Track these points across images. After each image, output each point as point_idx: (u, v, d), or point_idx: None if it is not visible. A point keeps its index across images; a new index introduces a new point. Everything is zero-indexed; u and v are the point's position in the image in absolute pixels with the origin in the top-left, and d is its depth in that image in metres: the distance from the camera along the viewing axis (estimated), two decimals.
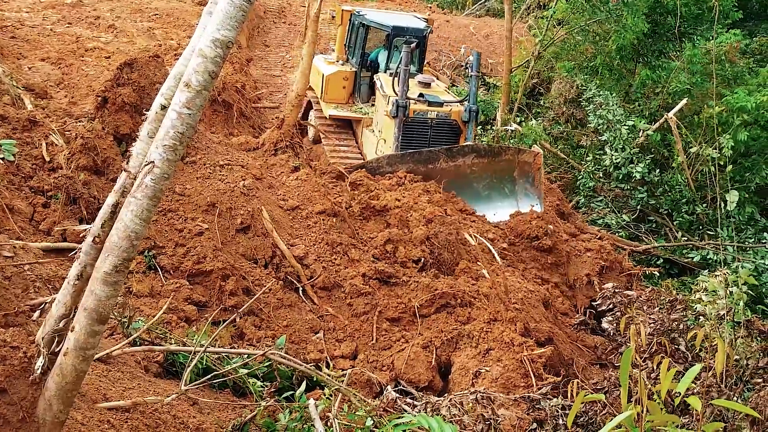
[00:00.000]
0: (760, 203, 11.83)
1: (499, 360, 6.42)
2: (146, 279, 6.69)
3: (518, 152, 10.38)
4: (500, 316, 6.91)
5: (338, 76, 12.65)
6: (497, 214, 9.94)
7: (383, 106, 10.91)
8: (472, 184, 10.10)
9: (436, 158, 9.88)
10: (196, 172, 8.01)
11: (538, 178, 10.31)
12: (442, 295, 7.47)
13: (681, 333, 4.56)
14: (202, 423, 4.59)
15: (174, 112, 2.84)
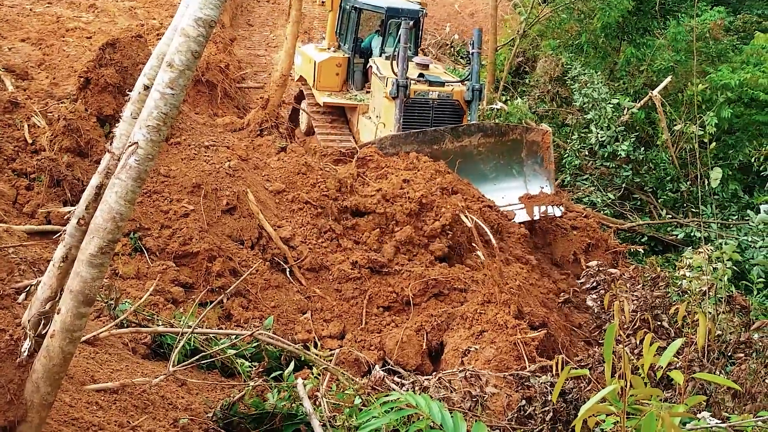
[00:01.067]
0: (743, 180, 11.92)
1: (493, 342, 6.38)
2: (132, 261, 6.67)
3: (526, 131, 10.06)
4: (494, 298, 6.86)
5: (331, 63, 12.22)
6: (506, 197, 9.59)
7: (381, 90, 10.53)
8: (479, 166, 9.72)
9: (441, 138, 9.48)
10: (180, 153, 7.96)
11: (548, 157, 9.98)
12: (435, 284, 7.39)
13: (664, 309, 4.61)
14: (190, 403, 4.61)
15: (157, 92, 2.82)
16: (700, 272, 5.80)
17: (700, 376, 2.39)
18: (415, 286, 7.42)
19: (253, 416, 4.59)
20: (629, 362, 2.36)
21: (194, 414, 4.47)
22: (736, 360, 4.06)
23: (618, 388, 2.45)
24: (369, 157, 9.02)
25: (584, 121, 13.24)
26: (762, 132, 11.72)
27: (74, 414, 3.76)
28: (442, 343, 6.97)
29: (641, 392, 2.42)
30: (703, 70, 12.30)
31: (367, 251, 7.76)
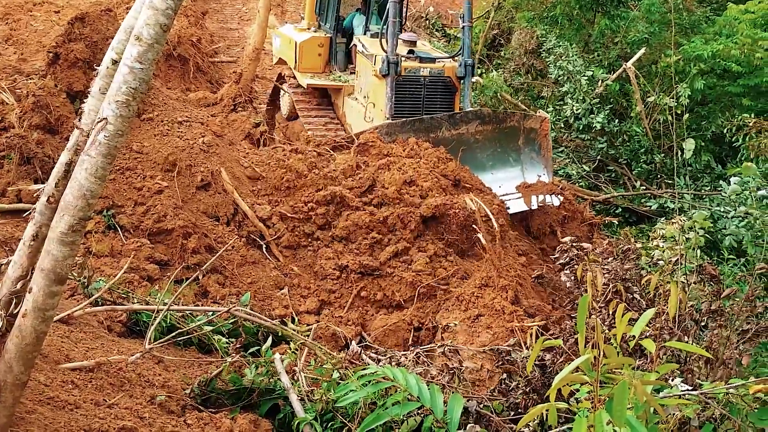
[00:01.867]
0: (716, 151, 12.04)
1: (489, 327, 6.28)
2: (106, 239, 6.60)
3: (524, 117, 9.79)
4: (492, 282, 6.74)
5: (312, 43, 11.65)
6: (503, 186, 9.34)
7: (369, 69, 10.14)
8: (476, 154, 9.42)
9: (438, 126, 9.15)
10: (153, 129, 7.86)
11: (545, 145, 9.77)
12: (427, 288, 7.23)
13: (635, 282, 4.66)
14: (167, 380, 4.60)
15: (125, 66, 2.77)
16: (673, 242, 5.86)
17: (671, 344, 2.43)
18: (405, 292, 7.22)
19: (230, 392, 4.60)
20: (602, 332, 2.39)
21: (171, 391, 4.46)
22: (708, 329, 4.13)
23: (591, 357, 2.48)
24: (371, 143, 8.65)
25: (559, 93, 13.27)
26: (734, 103, 11.83)
27: (49, 393, 3.74)
28: (435, 326, 6.89)
29: (614, 361, 2.45)
30: (676, 42, 12.36)
31: (358, 255, 7.51)
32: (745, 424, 3.14)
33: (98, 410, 3.82)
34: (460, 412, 3.83)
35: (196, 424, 4.15)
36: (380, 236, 7.55)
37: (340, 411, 4.21)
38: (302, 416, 4.21)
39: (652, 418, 2.60)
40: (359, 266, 7.33)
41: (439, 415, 3.79)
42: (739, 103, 11.66)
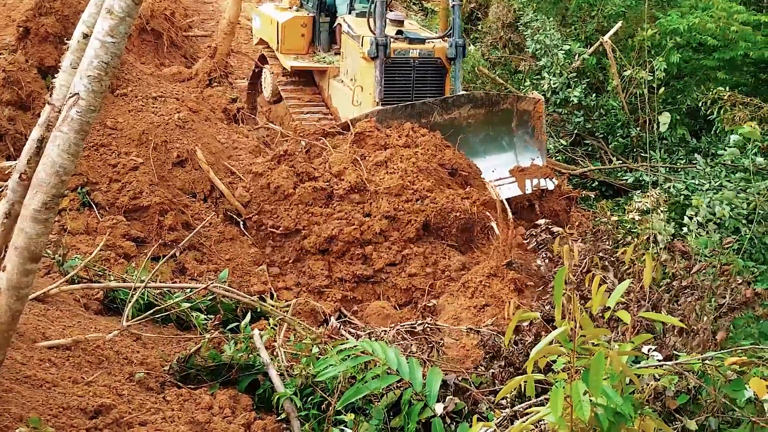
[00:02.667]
0: (691, 125, 12.13)
1: (494, 317, 6.14)
2: (81, 216, 6.53)
3: (517, 100, 9.57)
4: (500, 273, 6.62)
5: (295, 23, 11.10)
6: (496, 171, 9.15)
7: (356, 50, 9.71)
8: (468, 139, 9.12)
9: (430, 111, 8.82)
10: (127, 105, 7.76)
11: (539, 127, 9.53)
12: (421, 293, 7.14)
13: (611, 262, 4.69)
14: (146, 357, 4.59)
15: (97, 40, 2.72)
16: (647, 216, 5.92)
17: (646, 315, 2.46)
18: (401, 297, 7.12)
19: (209, 368, 4.60)
20: (578, 304, 2.41)
21: (150, 368, 4.45)
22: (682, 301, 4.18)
23: (568, 329, 2.51)
24: (368, 132, 8.27)
25: (536, 67, 13.26)
26: (710, 77, 11.90)
27: (26, 372, 3.71)
28: (434, 308, 6.81)
29: (590, 333, 2.48)
30: (653, 15, 12.37)
31: (350, 265, 7.34)
32: (719, 395, 3.20)
33: (76, 388, 3.81)
34: (439, 385, 3.86)
35: (176, 401, 4.15)
36: (373, 248, 7.39)
37: (319, 385, 4.24)
38: (282, 391, 4.23)
39: (627, 389, 2.64)
40: (352, 276, 7.21)
41: (417, 388, 3.82)
42: (714, 76, 11.73)
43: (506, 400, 3.82)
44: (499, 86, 13.76)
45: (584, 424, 2.55)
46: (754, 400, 3.17)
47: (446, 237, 7.66)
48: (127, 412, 3.78)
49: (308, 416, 4.12)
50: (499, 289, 6.48)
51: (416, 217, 7.49)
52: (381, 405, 3.94)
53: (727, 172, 9.67)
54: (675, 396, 3.28)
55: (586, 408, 2.41)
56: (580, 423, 2.53)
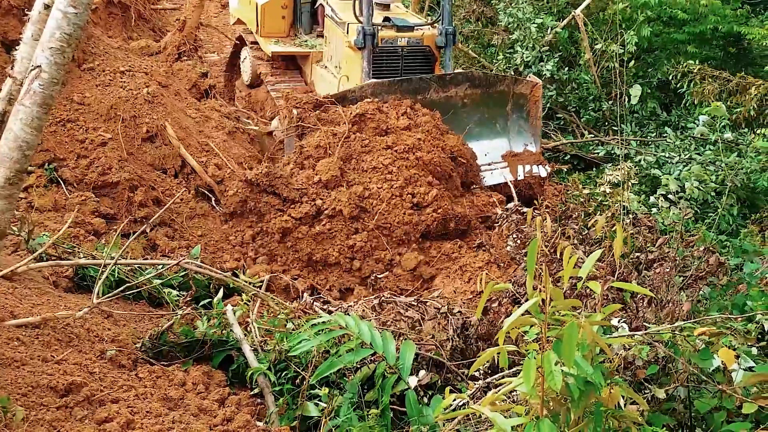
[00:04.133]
0: (661, 98, 12.21)
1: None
2: (48, 193, 6.42)
3: (514, 82, 9.27)
4: (501, 261, 6.47)
5: (275, 5, 10.54)
6: (489, 155, 8.91)
7: (341, 38, 9.26)
8: (463, 119, 8.84)
9: (426, 87, 8.53)
10: (95, 80, 7.60)
11: (534, 112, 9.33)
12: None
13: (581, 235, 4.72)
14: (117, 335, 4.55)
15: (59, 11, 2.65)
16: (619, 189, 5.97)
17: (616, 284, 2.48)
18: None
19: (182, 344, 4.58)
20: (549, 276, 2.43)
21: (122, 345, 4.42)
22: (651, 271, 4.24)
23: (539, 300, 2.52)
24: (369, 115, 7.83)
25: (509, 41, 13.23)
26: (680, 50, 11.97)
27: None
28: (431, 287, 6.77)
29: (561, 304, 2.50)
30: None
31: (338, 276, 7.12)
32: (689, 364, 3.25)
33: (46, 366, 3.77)
34: (413, 358, 3.88)
35: (148, 377, 4.13)
36: (361, 262, 7.18)
37: (293, 360, 4.23)
38: (256, 366, 4.22)
39: (597, 358, 2.67)
40: (339, 278, 7.07)
41: (391, 361, 3.84)
42: (685, 50, 11.81)
43: (480, 372, 3.85)
44: (472, 60, 13.72)
45: (555, 393, 2.57)
46: (722, 369, 3.24)
47: (442, 238, 7.46)
48: (98, 389, 3.75)
49: (282, 391, 4.13)
50: (498, 276, 6.26)
51: (415, 228, 7.26)
52: (355, 379, 3.95)
53: (697, 145, 9.78)
54: (645, 366, 3.33)
55: (558, 378, 2.44)
56: (551, 393, 2.56)
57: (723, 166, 8.09)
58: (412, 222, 7.24)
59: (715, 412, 3.23)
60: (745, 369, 3.20)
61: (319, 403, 3.91)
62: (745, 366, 3.22)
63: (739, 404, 3.07)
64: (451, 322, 4.44)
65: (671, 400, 3.33)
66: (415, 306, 4.83)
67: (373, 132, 7.75)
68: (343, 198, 7.18)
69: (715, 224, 7.54)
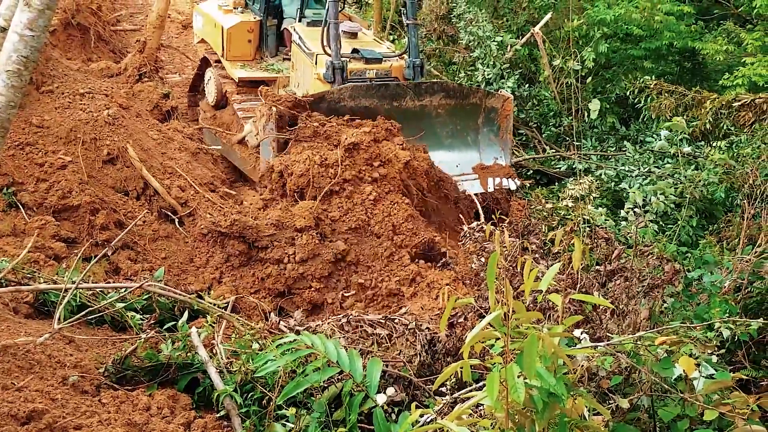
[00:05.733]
0: (620, 113, 12.45)
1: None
2: (7, 218, 6.33)
3: (486, 95, 9.39)
4: (467, 278, 6.33)
5: (242, 29, 10.44)
6: (459, 166, 9.02)
7: (309, 68, 9.24)
8: (436, 130, 8.98)
9: (403, 95, 8.62)
10: (54, 102, 7.53)
11: (505, 126, 9.41)
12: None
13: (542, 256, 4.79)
14: (80, 360, 4.47)
15: (15, 34, 2.63)
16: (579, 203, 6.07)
17: (577, 296, 2.52)
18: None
19: (147, 368, 4.52)
20: (510, 289, 2.46)
21: (84, 371, 4.34)
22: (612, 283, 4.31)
23: (501, 314, 2.55)
24: (363, 146, 7.56)
25: (470, 59, 13.39)
26: (637, 66, 12.23)
27: None
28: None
29: (523, 316, 2.53)
30: (581, 7, 12.64)
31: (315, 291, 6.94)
32: (651, 374, 3.30)
33: (6, 394, 3.69)
34: (379, 375, 3.88)
35: (112, 403, 4.06)
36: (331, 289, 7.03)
37: (260, 381, 4.20)
38: (222, 388, 4.18)
39: (560, 369, 2.70)
40: (316, 295, 6.94)
41: (358, 379, 3.83)
42: (642, 65, 12.07)
43: (446, 387, 3.86)
44: (434, 78, 13.86)
45: (520, 406, 2.60)
46: (684, 377, 3.29)
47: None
48: (60, 416, 3.68)
49: (249, 413, 4.09)
50: (465, 293, 6.19)
51: (392, 270, 7.14)
52: (322, 398, 3.93)
53: (656, 159, 9.98)
54: (608, 376, 3.38)
55: (521, 390, 2.46)
56: (516, 405, 2.58)
57: (682, 179, 8.25)
58: (405, 244, 7.20)
59: (679, 420, 3.27)
60: (706, 377, 3.26)
61: (287, 424, 3.88)
62: (706, 374, 3.28)
63: (702, 411, 3.13)
64: (419, 337, 4.46)
65: (635, 410, 3.38)
66: (383, 323, 4.84)
67: (364, 162, 7.54)
68: (322, 253, 7.00)
69: (675, 236, 7.68)
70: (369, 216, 7.32)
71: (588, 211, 5.28)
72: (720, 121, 8.84)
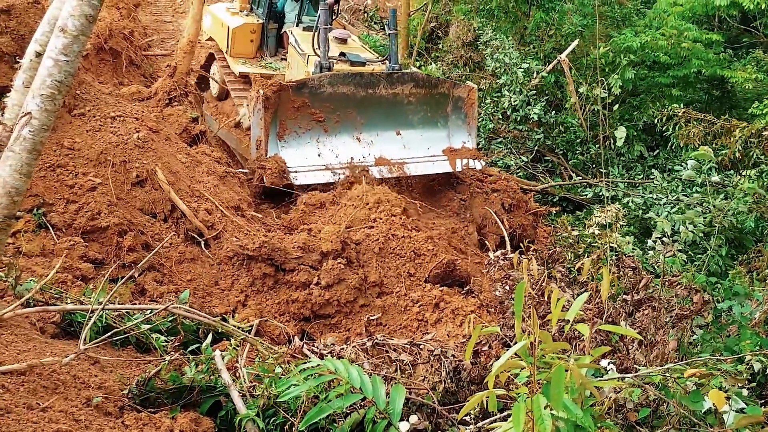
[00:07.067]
0: (647, 141, 12.38)
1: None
2: (37, 238, 6.39)
3: (453, 86, 10.27)
4: (492, 305, 6.40)
5: (245, 29, 11.90)
6: (431, 148, 9.92)
7: (302, 67, 10.33)
8: (408, 116, 9.93)
9: (376, 83, 9.56)
10: (85, 125, 7.64)
11: (471, 113, 10.22)
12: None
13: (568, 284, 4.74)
14: (104, 381, 4.49)
15: (50, 59, 2.68)
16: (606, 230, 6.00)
17: (604, 327, 2.48)
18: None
19: (170, 391, 4.51)
20: (537, 318, 2.43)
21: (108, 392, 4.35)
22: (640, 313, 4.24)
23: (528, 343, 2.52)
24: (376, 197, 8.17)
25: (497, 85, 13.43)
26: (664, 93, 12.18)
27: None
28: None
29: (549, 347, 2.50)
30: (608, 35, 12.65)
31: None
32: (680, 407, 3.24)
33: (31, 414, 3.71)
34: (402, 402, 3.84)
35: (135, 425, 4.06)
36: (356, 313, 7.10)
37: (282, 406, 4.18)
38: (244, 412, 4.17)
39: (587, 401, 2.66)
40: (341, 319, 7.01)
41: (381, 406, 3.80)
42: (669, 93, 12.01)
43: (470, 417, 3.82)
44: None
45: None
46: (713, 411, 3.22)
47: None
48: None
49: None
50: (489, 321, 6.29)
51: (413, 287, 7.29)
52: (345, 425, 3.90)
53: (684, 187, 9.89)
54: (636, 409, 3.31)
55: (547, 422, 2.42)
56: None
57: (711, 208, 8.15)
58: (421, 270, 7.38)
59: None
60: (737, 411, 3.19)
61: None
62: (736, 408, 3.21)
63: None
64: (443, 364, 4.42)
65: None
66: (408, 349, 4.81)
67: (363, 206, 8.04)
68: (348, 278, 7.08)
69: (704, 265, 7.57)
70: (390, 238, 7.54)
71: (615, 239, 5.22)
72: (749, 150, 8.74)
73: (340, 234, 7.24)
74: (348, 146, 9.47)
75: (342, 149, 9.42)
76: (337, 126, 9.45)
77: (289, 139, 9.20)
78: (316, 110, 9.17)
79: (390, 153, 9.63)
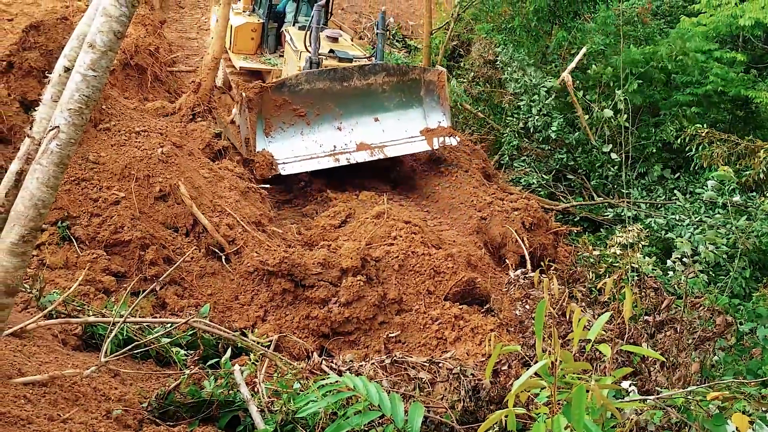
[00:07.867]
0: (667, 159, 12.27)
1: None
2: (60, 251, 6.47)
3: (423, 71, 10.84)
4: (512, 325, 6.41)
5: (247, 28, 12.88)
6: (408, 130, 10.43)
7: (295, 61, 11.06)
8: (383, 103, 10.45)
9: (350, 76, 10.13)
10: (110, 139, 7.74)
11: (443, 95, 10.74)
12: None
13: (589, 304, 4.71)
14: (124, 394, 4.52)
15: (78, 74, 2.73)
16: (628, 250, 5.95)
17: (627, 347, 2.46)
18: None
19: (189, 405, 4.53)
20: (558, 338, 2.41)
21: (128, 405, 4.38)
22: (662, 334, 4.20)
23: (549, 363, 2.50)
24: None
25: (515, 103, 13.41)
26: (685, 113, 12.07)
27: (0, 408, 3.64)
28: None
29: (570, 366, 2.48)
30: (616, 51, 12.59)
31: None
32: (702, 430, 3.19)
33: (52, 425, 3.74)
34: (421, 421, 3.82)
35: None
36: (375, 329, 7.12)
37: (300, 422, 4.18)
38: (262, 428, 4.17)
39: (608, 423, 2.63)
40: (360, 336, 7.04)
41: (399, 424, 3.78)
42: (688, 112, 11.91)
43: None
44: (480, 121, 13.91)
45: None
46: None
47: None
48: None
49: None
50: (510, 340, 6.22)
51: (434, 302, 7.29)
52: None
53: (707, 209, 9.78)
54: (658, 431, 3.27)
55: None
56: None
57: (734, 230, 8.07)
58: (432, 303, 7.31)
59: None
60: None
61: None
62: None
63: None
64: (462, 383, 4.39)
65: None
66: (427, 367, 4.79)
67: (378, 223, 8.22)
68: (367, 295, 7.11)
69: (727, 287, 7.48)
70: (410, 255, 7.59)
71: (636, 260, 5.18)
72: None
73: (360, 251, 7.27)
74: (330, 135, 9.99)
75: (324, 139, 9.94)
76: (318, 118, 10.00)
77: (275, 135, 9.77)
78: (297, 106, 9.76)
79: (370, 138, 10.15)
